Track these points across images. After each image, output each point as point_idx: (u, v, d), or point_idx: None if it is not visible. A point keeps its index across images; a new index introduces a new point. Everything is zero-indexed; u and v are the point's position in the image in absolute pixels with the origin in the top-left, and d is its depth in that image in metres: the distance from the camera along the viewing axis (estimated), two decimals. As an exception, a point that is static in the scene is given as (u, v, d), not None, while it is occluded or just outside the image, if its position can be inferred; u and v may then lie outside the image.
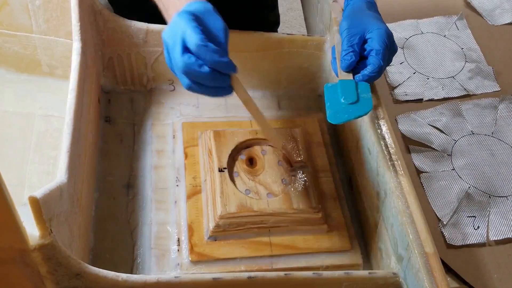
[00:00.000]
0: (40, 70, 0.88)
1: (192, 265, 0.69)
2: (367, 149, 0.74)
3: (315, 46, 0.89)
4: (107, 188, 0.77)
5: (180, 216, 0.73)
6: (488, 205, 0.83)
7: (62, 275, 0.54)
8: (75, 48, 0.75)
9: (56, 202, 0.55)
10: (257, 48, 0.87)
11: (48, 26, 0.83)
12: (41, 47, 0.86)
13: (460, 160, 0.89)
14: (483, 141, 0.92)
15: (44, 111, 0.85)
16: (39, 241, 0.51)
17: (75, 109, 0.68)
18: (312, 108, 0.92)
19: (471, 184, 0.86)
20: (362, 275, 0.64)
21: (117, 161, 0.80)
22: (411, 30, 1.12)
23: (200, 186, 0.75)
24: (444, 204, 0.83)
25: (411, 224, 0.62)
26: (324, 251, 0.72)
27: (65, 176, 0.60)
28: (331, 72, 0.88)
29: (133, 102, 0.88)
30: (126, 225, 0.74)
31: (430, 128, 0.93)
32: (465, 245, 0.79)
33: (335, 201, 0.77)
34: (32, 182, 0.76)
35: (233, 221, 0.70)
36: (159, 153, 0.81)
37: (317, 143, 0.83)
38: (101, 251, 0.71)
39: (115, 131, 0.84)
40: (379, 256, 0.71)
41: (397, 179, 0.66)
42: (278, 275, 0.61)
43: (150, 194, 0.77)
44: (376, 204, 0.71)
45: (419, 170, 0.87)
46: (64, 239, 0.56)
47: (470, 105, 0.98)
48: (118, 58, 0.86)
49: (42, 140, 0.81)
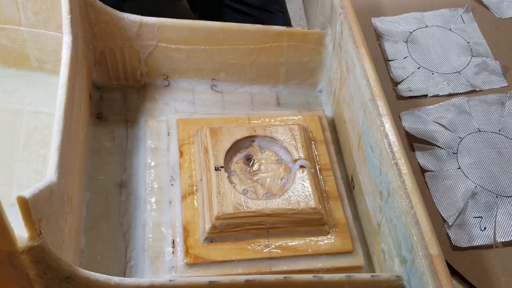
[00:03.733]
0: (29, 64, 0.88)
1: (187, 268, 0.68)
2: (369, 147, 0.74)
3: (316, 39, 0.89)
4: (98, 187, 0.77)
5: (175, 216, 0.73)
6: (495, 205, 0.83)
7: (51, 278, 0.54)
8: (66, 41, 0.75)
9: (46, 202, 0.55)
10: (255, 41, 0.87)
11: (38, 18, 0.83)
12: (30, 41, 0.85)
13: (466, 158, 0.89)
14: (490, 138, 0.92)
15: (33, 107, 0.84)
16: (28, 243, 0.50)
17: (66, 106, 0.67)
18: (312, 104, 0.92)
19: (477, 184, 0.86)
20: (364, 278, 0.64)
21: (109, 160, 0.80)
22: (415, 23, 1.12)
23: (196, 186, 0.75)
24: (449, 204, 0.83)
25: (415, 225, 0.62)
26: (324, 253, 0.72)
27: (55, 175, 0.59)
28: (331, 67, 0.88)
29: (126, 98, 0.88)
30: (118, 226, 0.74)
31: (435, 125, 0.93)
32: (471, 247, 0.79)
33: (336, 201, 0.77)
34: (20, 182, 0.76)
35: (230, 222, 0.70)
36: (153, 151, 0.81)
37: (317, 141, 0.83)
38: (93, 253, 0.71)
39: (107, 128, 0.83)
40: (382, 258, 0.71)
41: (400, 178, 0.66)
42: (277, 278, 0.61)
43: (143, 194, 0.77)
44: (379, 204, 0.71)
45: (424, 169, 0.87)
46: (54, 241, 0.56)
47: (477, 102, 0.98)
48: (110, 52, 0.86)
49: (31, 137, 0.81)
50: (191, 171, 0.77)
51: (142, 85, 0.89)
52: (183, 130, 0.82)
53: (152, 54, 0.87)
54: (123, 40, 0.85)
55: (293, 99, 0.92)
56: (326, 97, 0.92)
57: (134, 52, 0.86)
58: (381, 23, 1.11)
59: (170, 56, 0.88)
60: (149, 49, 0.86)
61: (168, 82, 0.90)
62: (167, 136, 0.82)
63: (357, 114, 0.78)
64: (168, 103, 0.88)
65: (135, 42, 0.85)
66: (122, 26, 0.84)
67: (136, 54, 0.87)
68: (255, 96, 0.91)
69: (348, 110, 0.82)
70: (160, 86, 0.90)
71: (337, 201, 0.77)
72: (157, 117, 0.85)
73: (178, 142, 0.80)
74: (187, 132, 0.81)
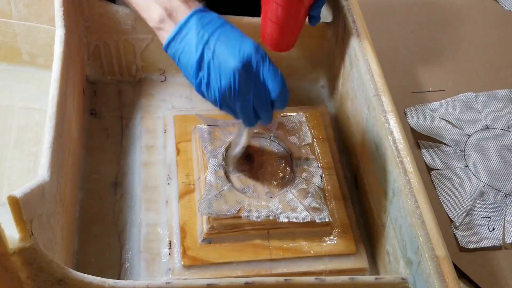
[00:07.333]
0: (20, 59, 0.88)
1: (184, 270, 0.68)
2: (373, 145, 0.74)
3: (318, 33, 0.88)
4: (92, 186, 0.77)
5: (171, 217, 0.73)
6: (504, 205, 0.83)
7: (43, 281, 0.54)
8: (58, 35, 0.75)
9: (38, 202, 0.55)
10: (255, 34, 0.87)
11: (29, 11, 0.83)
12: (21, 34, 0.85)
13: (474, 156, 0.89)
14: (498, 136, 0.92)
15: (24, 103, 0.84)
16: (19, 244, 0.50)
17: (58, 101, 0.67)
18: (314, 100, 0.92)
19: (485, 182, 0.86)
20: (368, 280, 0.64)
21: (104, 158, 0.80)
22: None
23: (194, 185, 0.75)
24: (456, 204, 0.83)
25: (421, 225, 0.62)
26: (327, 255, 0.72)
27: (47, 174, 0.59)
28: (334, 61, 0.88)
29: (121, 94, 0.87)
30: (113, 227, 0.73)
31: (442, 121, 0.93)
32: (479, 248, 0.79)
33: (339, 200, 0.77)
34: (11, 180, 0.76)
35: (229, 223, 0.70)
36: (149, 149, 0.81)
37: (320, 138, 0.83)
38: (86, 255, 0.71)
39: (102, 125, 0.83)
40: (387, 260, 0.71)
41: (406, 177, 0.66)
42: (277, 280, 0.60)
43: (139, 193, 0.76)
44: (384, 204, 0.71)
45: (430, 167, 0.87)
46: (46, 242, 0.56)
47: (485, 97, 0.98)
48: (104, 46, 0.86)
49: (22, 134, 0.81)
50: (189, 169, 0.77)
51: (138, 80, 0.89)
52: (180, 127, 0.81)
53: (148, 48, 0.87)
54: (118, 34, 0.85)
55: (294, 95, 0.91)
56: (329, 93, 0.92)
57: (129, 46, 0.86)
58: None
59: (166, 50, 0.87)
60: (144, 42, 0.86)
61: (164, 77, 0.90)
62: (163, 133, 0.82)
63: (360, 110, 0.78)
64: (165, 99, 0.87)
65: (130, 35, 0.85)
66: (117, 19, 0.83)
67: (131, 48, 0.87)
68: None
69: (352, 106, 0.82)
70: (157, 81, 0.89)
71: (340, 201, 0.77)
72: (153, 114, 0.85)
73: (175, 139, 0.80)
74: (184, 129, 0.81)
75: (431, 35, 1.12)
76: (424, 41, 1.10)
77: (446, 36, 1.12)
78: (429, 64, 1.06)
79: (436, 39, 1.11)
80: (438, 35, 1.12)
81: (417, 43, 1.10)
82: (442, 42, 1.10)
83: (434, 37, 1.11)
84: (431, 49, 1.09)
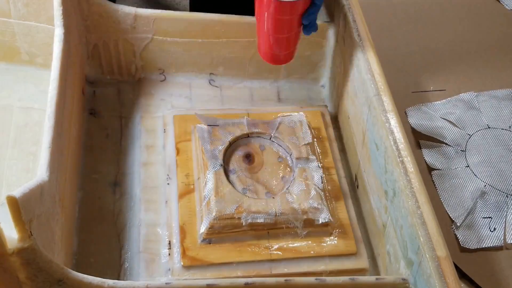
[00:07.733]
0: (19, 58, 0.88)
1: (184, 270, 0.68)
2: (374, 144, 0.74)
3: (318, 32, 0.88)
4: (92, 186, 0.77)
5: (171, 217, 0.73)
6: (505, 205, 0.83)
7: (43, 281, 0.54)
8: (57, 34, 0.75)
9: (37, 202, 0.55)
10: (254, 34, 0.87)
11: (28, 10, 0.83)
12: (20, 33, 0.85)
13: (475, 156, 0.89)
14: (499, 135, 0.92)
15: (23, 103, 0.84)
16: (18, 245, 0.50)
17: (57, 101, 0.67)
18: (314, 99, 0.92)
19: (486, 183, 0.86)
20: (369, 281, 0.64)
21: (103, 158, 0.80)
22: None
23: (193, 185, 0.75)
24: (457, 204, 0.83)
25: (422, 225, 0.62)
26: (327, 255, 0.72)
27: (46, 174, 0.59)
28: (334, 61, 0.88)
29: (120, 93, 0.87)
30: (112, 227, 0.73)
31: (443, 121, 0.93)
32: (480, 248, 0.79)
33: (339, 200, 0.77)
34: (10, 180, 0.76)
35: (229, 223, 0.70)
36: (148, 149, 0.81)
37: (320, 138, 0.83)
38: (86, 255, 0.71)
39: (101, 124, 0.83)
40: (387, 260, 0.71)
41: (406, 177, 0.66)
42: (277, 281, 0.60)
43: (138, 193, 0.76)
44: (384, 204, 0.71)
45: (431, 167, 0.87)
46: (45, 242, 0.56)
47: (486, 97, 0.98)
48: (104, 46, 0.86)
49: (21, 134, 0.81)
50: (188, 169, 0.77)
51: (137, 80, 0.89)
52: (180, 126, 0.81)
53: (147, 47, 0.87)
54: (117, 33, 0.85)
55: (294, 95, 0.92)
56: (329, 92, 0.92)
57: (128, 46, 0.86)
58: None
59: (166, 49, 0.87)
60: (144, 42, 0.86)
61: (164, 77, 0.90)
62: (163, 133, 0.82)
63: (361, 110, 0.78)
64: (164, 98, 0.87)
65: (129, 35, 0.85)
66: (116, 18, 0.84)
67: (130, 48, 0.87)
68: (255, 91, 0.91)
69: (352, 106, 0.82)
70: (156, 81, 0.89)
71: (341, 201, 0.77)
72: (153, 113, 0.85)
73: (174, 139, 0.80)
74: (184, 128, 0.81)
75: (432, 34, 1.12)
76: (425, 40, 1.10)
77: (447, 36, 1.12)
78: (430, 64, 1.06)
79: (437, 39, 1.11)
80: (439, 35, 1.12)
81: (418, 43, 1.10)
82: (443, 42, 1.10)
83: (435, 36, 1.11)
84: (432, 48, 1.09)
